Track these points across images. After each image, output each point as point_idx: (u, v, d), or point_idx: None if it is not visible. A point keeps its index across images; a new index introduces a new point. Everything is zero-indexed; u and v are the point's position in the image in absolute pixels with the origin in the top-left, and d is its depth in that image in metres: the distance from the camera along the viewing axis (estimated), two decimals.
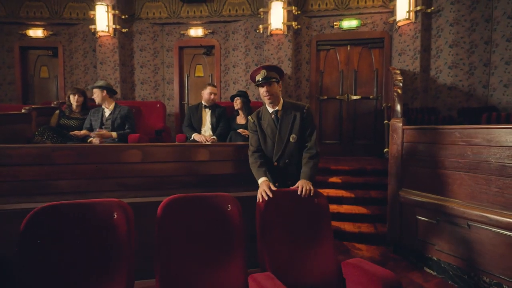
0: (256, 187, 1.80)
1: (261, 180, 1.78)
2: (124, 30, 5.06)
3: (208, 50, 5.27)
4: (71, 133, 2.95)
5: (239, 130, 3.02)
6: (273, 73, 1.91)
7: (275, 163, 1.95)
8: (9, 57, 5.32)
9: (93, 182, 2.17)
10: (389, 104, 3.88)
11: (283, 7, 4.57)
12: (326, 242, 1.67)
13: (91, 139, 2.95)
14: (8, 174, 2.02)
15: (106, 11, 4.83)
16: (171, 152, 2.28)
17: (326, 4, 4.85)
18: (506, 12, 3.80)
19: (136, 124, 3.26)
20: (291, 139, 1.93)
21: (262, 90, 1.91)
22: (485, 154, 2.02)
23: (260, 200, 1.65)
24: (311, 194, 1.71)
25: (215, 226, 1.53)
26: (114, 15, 4.90)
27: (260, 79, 1.88)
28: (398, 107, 2.70)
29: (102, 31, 4.85)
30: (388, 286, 1.31)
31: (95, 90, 3.07)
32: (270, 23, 4.63)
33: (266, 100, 1.95)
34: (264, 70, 1.89)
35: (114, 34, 4.94)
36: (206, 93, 3.26)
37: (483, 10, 3.93)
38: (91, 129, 3.10)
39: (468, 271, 2.11)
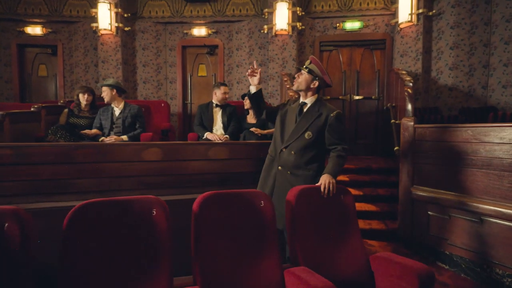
0: None
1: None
2: (126, 29, 5.01)
3: (212, 49, 5.27)
4: (82, 132, 2.92)
5: (252, 129, 3.05)
6: (313, 66, 1.96)
7: (283, 149, 1.96)
8: (6, 54, 5.19)
9: (114, 180, 2.16)
10: (394, 104, 3.98)
11: (288, 8, 4.62)
12: (354, 236, 1.72)
13: (102, 138, 2.92)
14: (28, 173, 2.00)
15: (108, 9, 4.77)
16: (192, 150, 2.29)
17: (330, 6, 4.92)
18: (504, 15, 3.96)
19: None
20: (305, 136, 1.92)
21: (296, 76, 1.99)
22: (497, 151, 2.11)
23: None
24: (333, 189, 1.73)
25: (250, 222, 1.55)
26: (116, 13, 4.85)
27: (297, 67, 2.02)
28: (409, 106, 2.78)
29: (105, 29, 4.79)
30: (424, 277, 1.36)
31: (104, 89, 3.04)
32: (275, 24, 4.67)
33: (294, 85, 2.00)
34: (309, 60, 1.98)
35: (117, 33, 4.89)
36: (220, 92, 3.26)
37: (482, 14, 4.08)
38: (101, 128, 3.07)
39: (481, 264, 2.20)
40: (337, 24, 4.92)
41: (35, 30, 5.17)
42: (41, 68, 5.36)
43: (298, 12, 4.72)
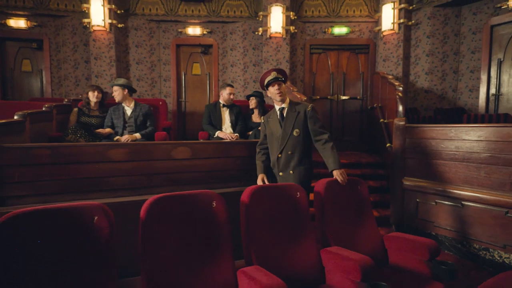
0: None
1: (259, 175, 2.24)
2: (120, 25, 4.96)
3: (206, 49, 5.38)
4: (96, 131, 2.96)
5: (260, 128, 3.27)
6: (281, 75, 2.23)
7: (279, 155, 2.20)
8: None
9: (145, 178, 2.28)
10: (380, 105, 4.42)
11: (282, 12, 4.87)
12: (371, 220, 2.04)
13: (117, 137, 2.98)
14: (65, 172, 2.07)
15: (102, 5, 4.69)
16: (216, 149, 2.48)
17: (319, 11, 5.25)
18: (471, 28, 4.54)
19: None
20: (294, 133, 2.17)
21: (274, 88, 2.20)
22: (475, 147, 2.55)
23: None
24: (346, 178, 2.02)
25: (291, 212, 1.79)
26: (110, 10, 4.78)
27: (272, 78, 2.19)
28: (400, 108, 3.18)
29: (98, 25, 4.71)
30: (432, 249, 1.71)
31: (116, 88, 3.09)
32: (270, 27, 4.90)
33: (277, 97, 2.22)
34: (274, 72, 2.21)
35: (110, 29, 4.82)
36: (226, 93, 3.44)
37: (453, 26, 4.64)
38: (112, 126, 3.12)
39: (461, 241, 2.64)
40: (326, 29, 5.26)
41: (18, 23, 4.92)
42: (24, 63, 5.12)
43: (291, 16, 4.98)
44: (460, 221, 2.66)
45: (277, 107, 2.28)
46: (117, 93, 3.08)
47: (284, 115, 2.22)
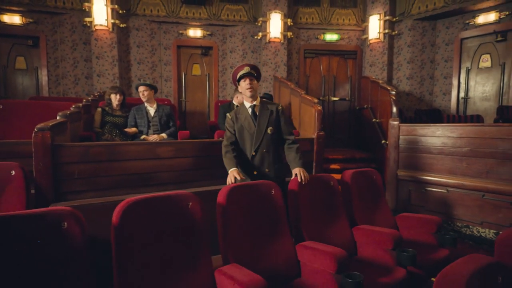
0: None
1: (232, 169, 1.99)
2: (122, 25, 5.00)
3: (206, 50, 5.58)
4: (124, 130, 3.11)
5: None
6: (254, 71, 2.14)
7: (253, 153, 2.11)
8: None
9: (188, 173, 2.52)
10: (370, 106, 4.94)
11: (281, 19, 5.22)
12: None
13: (144, 136, 3.15)
14: (118, 168, 2.25)
15: (105, 5, 4.72)
16: None
17: (313, 19, 5.68)
18: (444, 40, 5.22)
19: None
20: (268, 131, 2.11)
21: (245, 83, 2.10)
22: (459, 143, 3.09)
23: (229, 183, 1.86)
24: (307, 178, 1.96)
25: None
26: (113, 9, 4.82)
27: (244, 73, 2.09)
28: (394, 109, 3.68)
29: (100, 24, 4.73)
30: (439, 224, 2.16)
31: (145, 88, 3.21)
32: (270, 32, 5.23)
33: (247, 93, 2.11)
34: (247, 67, 2.13)
35: (113, 29, 4.86)
36: (240, 95, 3.71)
37: (430, 37, 5.30)
38: (136, 126, 3.27)
39: (447, 221, 3.18)
40: (319, 35, 5.70)
41: (12, 19, 4.78)
42: (18, 60, 4.98)
43: (288, 23, 5.35)
44: (445, 205, 3.20)
45: (247, 104, 2.17)
46: (147, 93, 3.21)
47: (257, 112, 2.14)
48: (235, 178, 1.90)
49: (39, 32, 4.92)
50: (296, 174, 2.00)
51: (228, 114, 2.23)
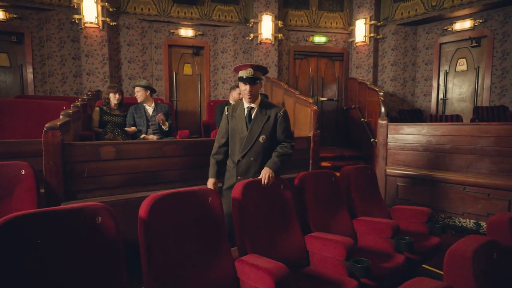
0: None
1: (210, 179, 2.02)
2: (112, 24, 4.93)
3: (197, 50, 5.60)
4: (125, 129, 3.11)
5: None
6: (259, 73, 1.93)
7: (240, 158, 1.98)
8: None
9: (193, 170, 2.58)
10: (357, 106, 5.18)
11: (272, 21, 5.35)
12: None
13: (144, 135, 3.17)
14: (127, 167, 2.28)
15: (95, 2, 4.63)
16: None
17: (302, 21, 5.85)
18: (424, 44, 5.57)
19: None
20: (260, 140, 1.96)
21: (244, 88, 1.93)
22: (443, 140, 3.35)
23: None
24: (271, 181, 1.85)
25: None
26: (103, 7, 4.74)
27: (245, 77, 1.90)
28: (383, 110, 3.91)
29: (90, 22, 4.64)
30: (430, 214, 2.36)
31: (139, 89, 3.25)
32: (261, 33, 5.35)
33: (246, 98, 1.97)
34: (250, 69, 1.89)
35: (103, 27, 4.78)
36: (235, 93, 3.79)
37: (411, 42, 5.62)
38: (135, 125, 3.28)
39: (432, 213, 3.42)
40: (308, 37, 5.89)
41: None
42: (1, 57, 4.77)
43: (279, 25, 5.49)
44: (430, 197, 3.45)
45: (245, 104, 2.03)
46: (140, 94, 3.24)
47: (252, 116, 2.00)
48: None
49: (23, 28, 4.75)
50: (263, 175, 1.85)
51: (225, 108, 2.10)
